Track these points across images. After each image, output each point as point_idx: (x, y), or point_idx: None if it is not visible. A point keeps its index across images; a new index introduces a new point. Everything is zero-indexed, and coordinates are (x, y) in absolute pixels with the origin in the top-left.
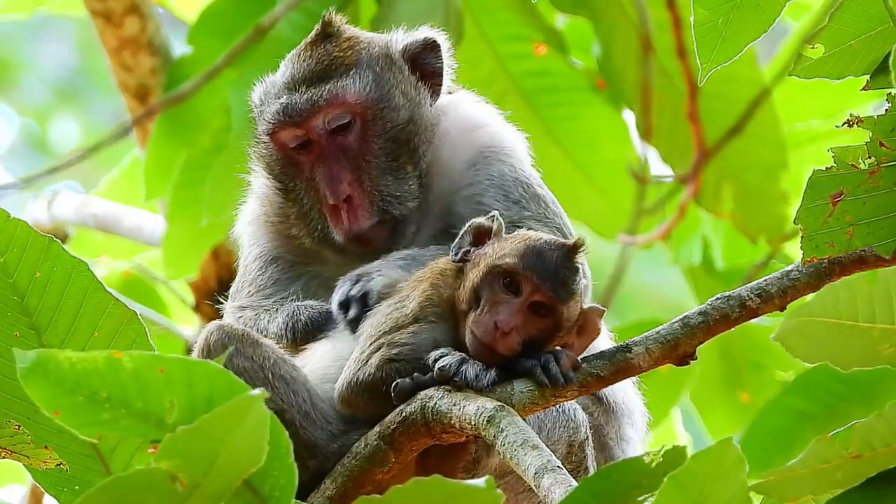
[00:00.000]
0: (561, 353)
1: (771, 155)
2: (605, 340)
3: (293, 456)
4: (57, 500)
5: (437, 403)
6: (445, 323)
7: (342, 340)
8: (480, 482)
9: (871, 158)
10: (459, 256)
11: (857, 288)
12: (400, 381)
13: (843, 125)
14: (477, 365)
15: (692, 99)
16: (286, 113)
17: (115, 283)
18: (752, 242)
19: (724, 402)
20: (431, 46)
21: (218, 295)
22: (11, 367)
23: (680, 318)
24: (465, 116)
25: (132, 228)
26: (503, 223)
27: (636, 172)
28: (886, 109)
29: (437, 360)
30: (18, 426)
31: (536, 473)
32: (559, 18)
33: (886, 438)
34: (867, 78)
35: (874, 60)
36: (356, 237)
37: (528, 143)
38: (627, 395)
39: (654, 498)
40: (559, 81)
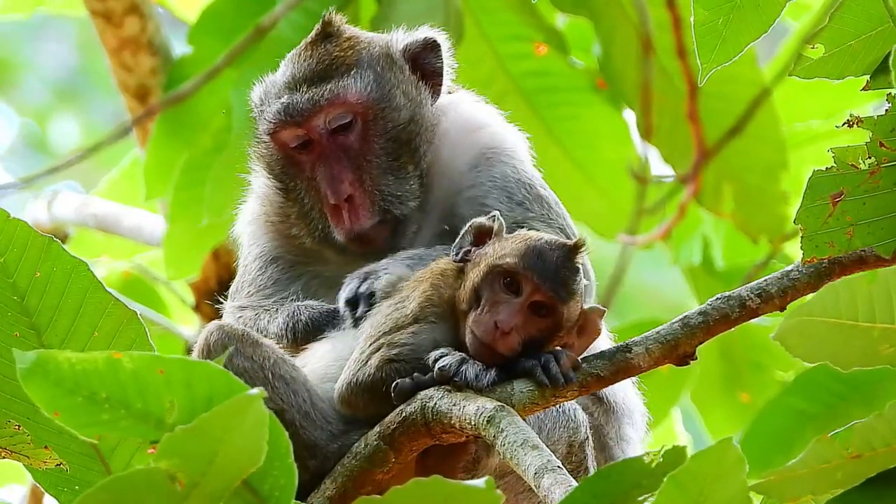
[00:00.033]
0: (561, 353)
1: (771, 155)
2: (604, 340)
3: (293, 456)
4: (57, 499)
5: (437, 403)
6: (445, 323)
7: (342, 340)
8: (480, 482)
9: (871, 158)
10: (460, 256)
11: (856, 287)
12: (400, 381)
13: (843, 125)
14: (477, 365)
15: (692, 99)
16: (287, 112)
17: (115, 283)
18: (752, 242)
19: (724, 402)
20: (432, 46)
21: (218, 295)
22: (11, 367)
23: (680, 318)
24: (465, 117)
25: (132, 228)
26: (504, 223)
27: (636, 172)
28: (886, 109)
29: (437, 360)
30: (18, 426)
31: (536, 473)
32: (559, 18)
33: (886, 438)
34: (867, 78)
35: (874, 60)
36: (357, 237)
37: (528, 143)
38: (627, 395)
39: (654, 498)
40: (559, 81)
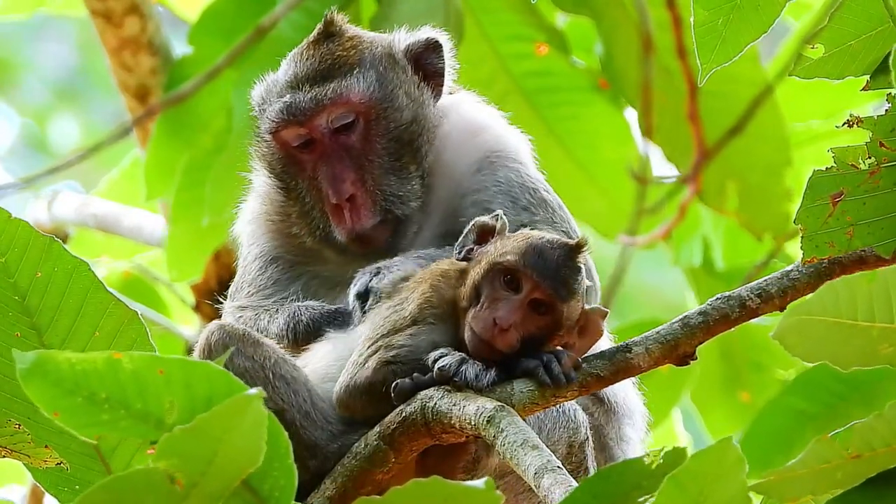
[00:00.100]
0: (562, 353)
1: (775, 152)
2: (604, 341)
3: (293, 456)
4: (57, 499)
5: (437, 403)
6: (444, 324)
7: (343, 341)
8: (480, 483)
9: (871, 158)
10: (463, 254)
11: (856, 287)
12: (400, 381)
13: (843, 125)
14: (477, 365)
15: (692, 99)
16: (290, 112)
17: (115, 283)
18: (756, 240)
19: (724, 402)
20: (434, 46)
21: (218, 295)
22: (12, 366)
23: (680, 318)
24: (467, 118)
25: (132, 228)
26: (507, 222)
27: (636, 173)
28: (886, 109)
29: (436, 360)
30: (19, 425)
31: (536, 473)
32: (559, 18)
33: (886, 438)
34: (867, 78)
35: (874, 60)
36: (358, 237)
37: (531, 144)
38: (628, 395)
39: (654, 498)
40: (560, 81)
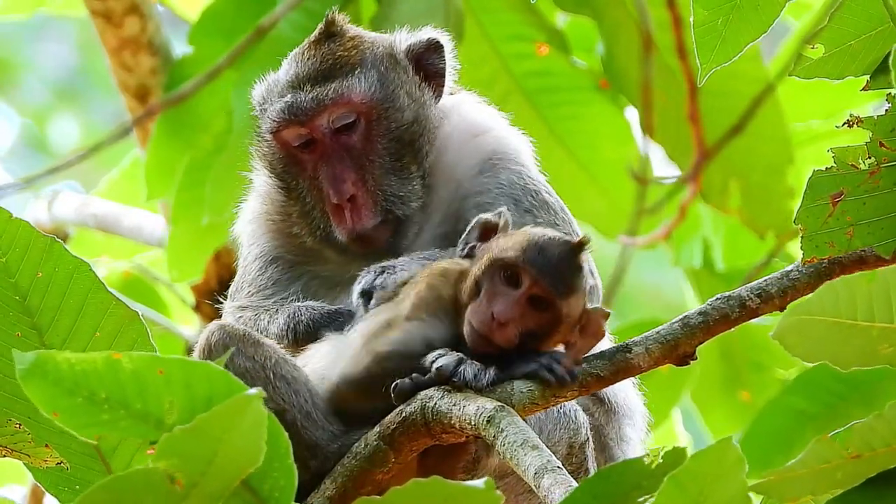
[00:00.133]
0: (562, 354)
1: (777, 151)
2: (604, 341)
3: (293, 456)
4: (57, 499)
5: (436, 403)
6: (441, 321)
7: (343, 341)
8: (480, 483)
9: (871, 158)
10: (466, 251)
11: (855, 287)
12: (399, 381)
13: (843, 125)
14: (475, 365)
15: (692, 100)
16: (291, 111)
17: (115, 283)
18: (759, 238)
19: (724, 401)
20: (435, 47)
21: (218, 295)
22: (12, 366)
23: (680, 318)
24: (468, 119)
25: (132, 228)
26: (510, 219)
27: (636, 173)
28: (886, 109)
29: (434, 360)
30: (19, 425)
31: (536, 474)
32: (560, 18)
33: (886, 438)
34: (867, 78)
35: (874, 60)
36: (359, 237)
37: (532, 146)
38: (628, 395)
39: (654, 498)
40: (561, 81)
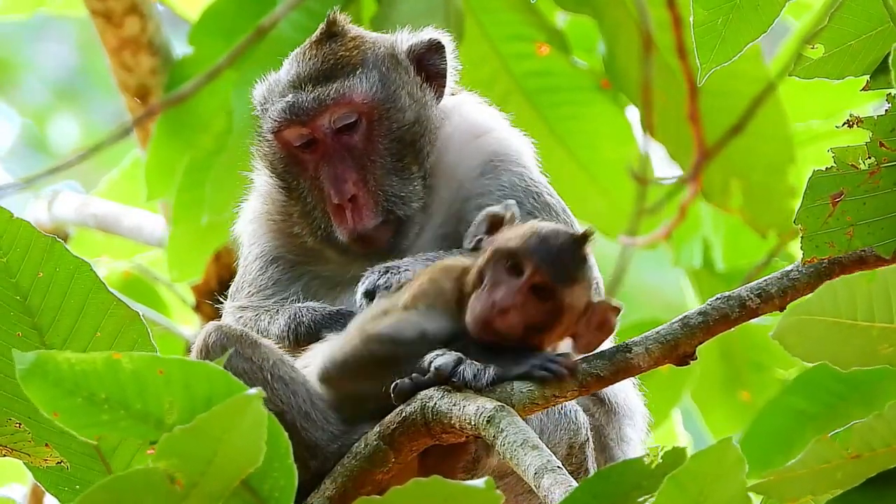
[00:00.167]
0: (561, 354)
1: (778, 150)
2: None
3: (293, 456)
4: (57, 498)
5: (436, 403)
6: (440, 315)
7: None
8: (480, 483)
9: (871, 158)
10: (473, 244)
11: (855, 287)
12: (399, 381)
13: (843, 125)
14: (475, 365)
15: (692, 100)
16: (292, 111)
17: (115, 283)
18: (761, 237)
19: (724, 401)
20: (436, 47)
21: (218, 295)
22: (13, 366)
23: (680, 318)
24: (469, 120)
25: (132, 228)
26: (517, 212)
27: (636, 173)
28: (886, 109)
29: (433, 360)
30: (19, 424)
31: (536, 473)
32: (560, 18)
33: (886, 438)
34: (867, 78)
35: (874, 60)
36: (360, 237)
37: (533, 146)
38: (628, 395)
39: (654, 498)
40: (562, 81)
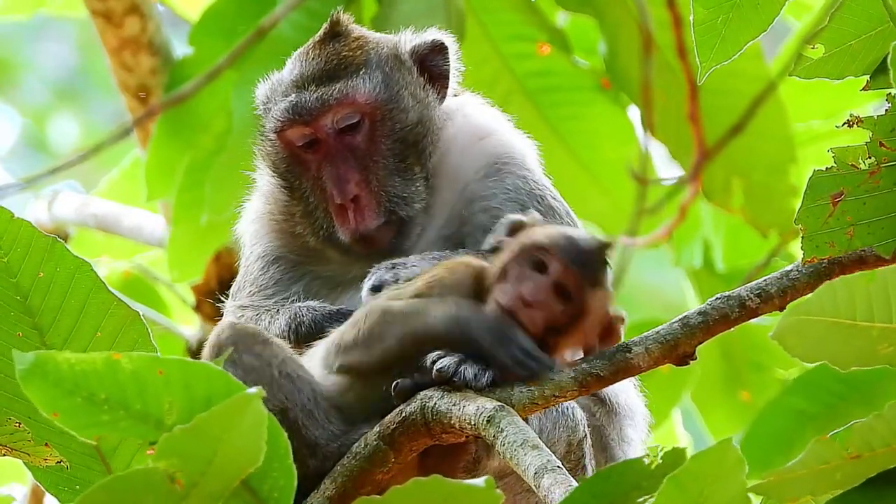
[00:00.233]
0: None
1: (780, 149)
2: None
3: (293, 455)
4: (57, 498)
5: (436, 403)
6: None
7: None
8: (480, 482)
9: (871, 158)
10: (493, 245)
11: (855, 287)
12: (400, 381)
13: (843, 125)
14: (475, 365)
15: (692, 100)
16: (295, 111)
17: (115, 282)
18: (762, 237)
19: (724, 402)
20: (439, 48)
21: (219, 295)
22: (13, 366)
23: (679, 318)
24: (472, 122)
25: (132, 228)
26: (541, 220)
27: (636, 173)
28: (886, 109)
29: (434, 360)
30: (19, 424)
31: (536, 473)
32: (560, 18)
33: (886, 438)
34: (867, 78)
35: (874, 60)
36: (362, 237)
37: (536, 148)
38: (629, 396)
39: (653, 499)
40: (563, 81)
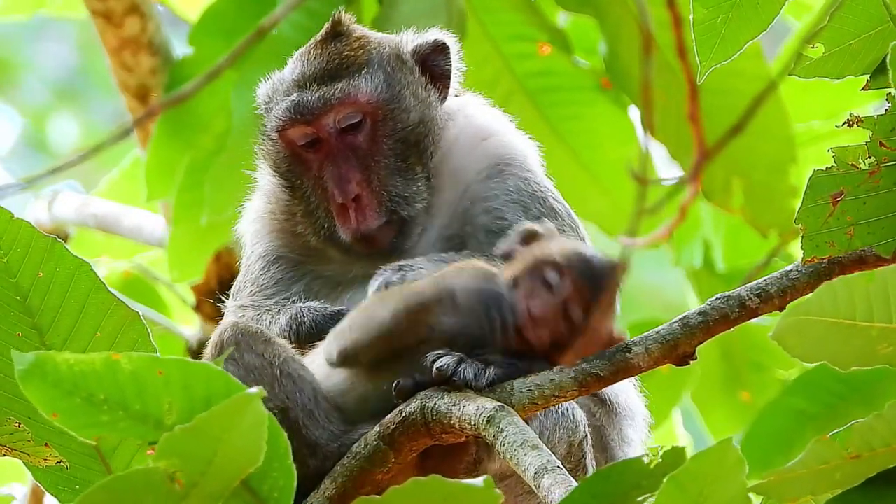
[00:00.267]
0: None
1: (780, 149)
2: None
3: (293, 454)
4: (57, 498)
5: (436, 403)
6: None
7: None
8: (478, 482)
9: (871, 158)
10: (505, 252)
11: (854, 286)
12: (401, 380)
13: (843, 125)
14: (475, 364)
15: (693, 100)
16: (297, 110)
17: (115, 282)
18: (762, 237)
19: (724, 402)
20: (441, 48)
21: (219, 294)
22: (13, 366)
23: (679, 318)
24: (474, 122)
25: (132, 228)
26: (556, 232)
27: (636, 173)
28: (886, 109)
29: (434, 360)
30: (19, 424)
31: (536, 473)
32: (561, 18)
33: (886, 438)
34: (867, 78)
35: (874, 60)
36: (363, 237)
37: (537, 148)
38: (629, 396)
39: (653, 498)
40: (563, 81)
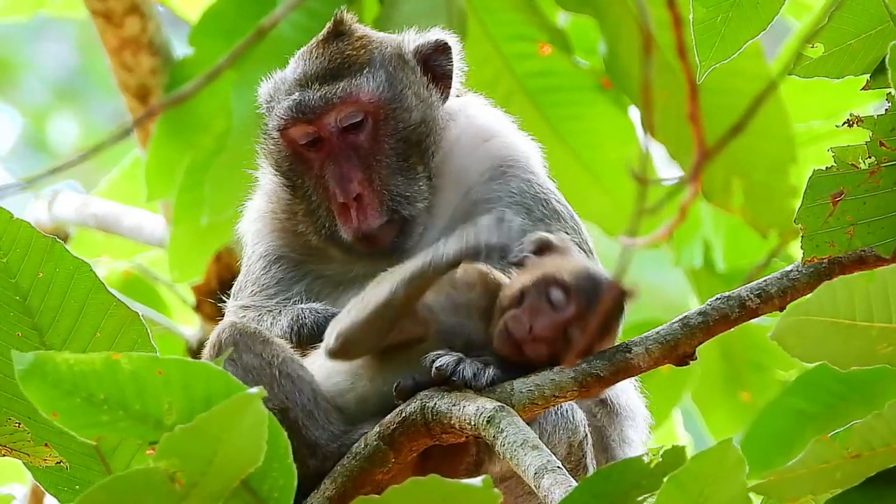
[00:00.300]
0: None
1: (779, 149)
2: None
3: (293, 455)
4: (57, 499)
5: (436, 403)
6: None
7: None
8: (477, 481)
9: (871, 158)
10: (517, 259)
11: (854, 286)
12: (402, 380)
13: (843, 125)
14: (475, 364)
15: (692, 99)
16: (299, 109)
17: (115, 283)
18: (762, 237)
19: (725, 402)
20: (443, 48)
21: (219, 294)
22: (12, 366)
23: (679, 318)
24: (476, 123)
25: (132, 228)
26: (570, 246)
27: (636, 173)
28: (886, 109)
29: (434, 360)
30: (19, 424)
31: (536, 474)
32: (561, 18)
33: (886, 438)
34: (867, 78)
35: (874, 60)
36: (365, 236)
37: (539, 149)
38: (630, 397)
39: (653, 498)
40: (563, 81)
